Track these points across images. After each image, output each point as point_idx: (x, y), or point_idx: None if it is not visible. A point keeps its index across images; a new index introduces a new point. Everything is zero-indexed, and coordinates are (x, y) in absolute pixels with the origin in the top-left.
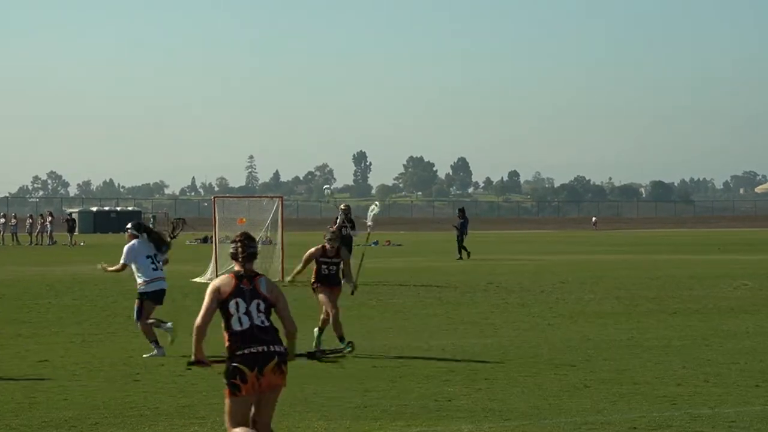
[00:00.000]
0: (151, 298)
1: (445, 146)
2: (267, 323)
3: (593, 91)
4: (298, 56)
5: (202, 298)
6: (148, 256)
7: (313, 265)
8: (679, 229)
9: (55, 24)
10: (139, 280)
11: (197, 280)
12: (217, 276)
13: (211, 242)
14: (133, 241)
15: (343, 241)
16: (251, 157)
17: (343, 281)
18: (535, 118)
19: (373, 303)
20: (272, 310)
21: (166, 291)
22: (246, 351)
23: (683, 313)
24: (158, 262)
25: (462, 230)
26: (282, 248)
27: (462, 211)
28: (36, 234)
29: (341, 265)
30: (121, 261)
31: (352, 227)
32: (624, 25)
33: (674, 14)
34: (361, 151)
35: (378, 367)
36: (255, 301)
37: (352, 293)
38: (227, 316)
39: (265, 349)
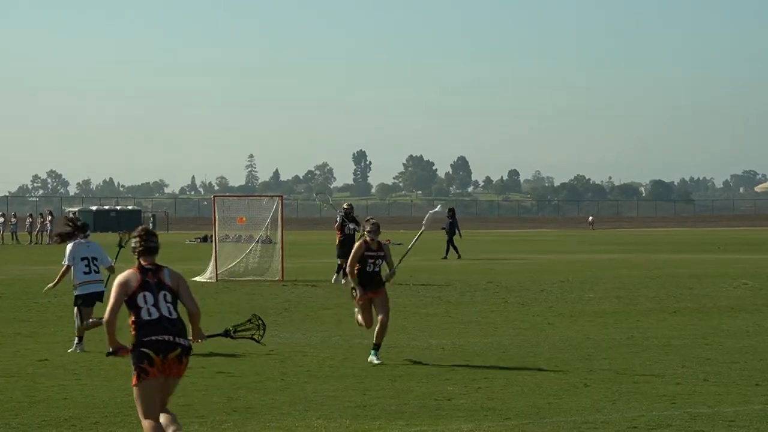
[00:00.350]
0: (83, 301)
1: (445, 145)
2: (175, 315)
3: (593, 91)
4: (298, 55)
5: (201, 297)
6: (83, 258)
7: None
8: (679, 228)
9: (55, 23)
10: (74, 283)
11: (197, 279)
12: (216, 275)
13: (211, 241)
14: (73, 242)
15: (346, 241)
16: (251, 156)
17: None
18: (535, 118)
19: None
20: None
21: (101, 293)
22: (153, 338)
23: (683, 312)
24: (95, 266)
25: (451, 230)
26: (282, 247)
27: (451, 211)
28: (36, 233)
29: (383, 263)
30: (64, 262)
31: (356, 226)
32: (624, 24)
33: (675, 13)
34: (361, 150)
35: (378, 366)
36: (162, 293)
37: (388, 280)
38: (137, 309)
39: (171, 339)
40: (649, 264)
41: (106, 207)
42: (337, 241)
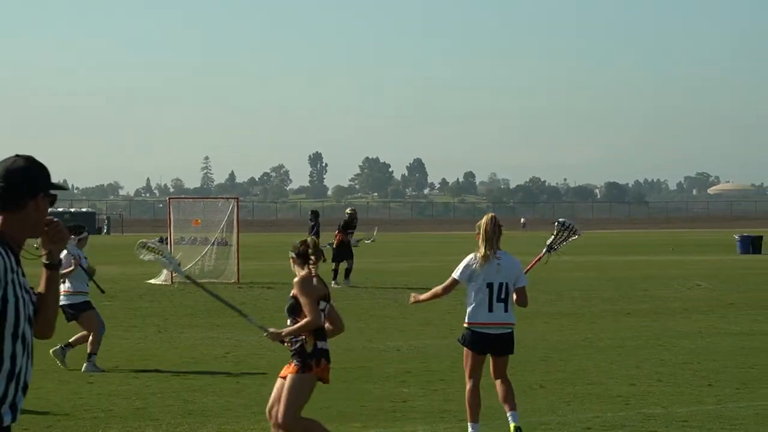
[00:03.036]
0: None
1: (401, 147)
2: None
3: (549, 94)
4: (253, 57)
5: (157, 299)
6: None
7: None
8: (633, 229)
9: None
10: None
11: (152, 281)
12: (171, 277)
13: (166, 243)
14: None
15: (343, 247)
16: (206, 158)
17: None
18: (492, 120)
19: None
20: None
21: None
22: None
23: (637, 314)
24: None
25: (312, 233)
26: (237, 249)
27: (314, 213)
28: None
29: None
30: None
31: (352, 233)
32: (578, 29)
33: (628, 17)
34: (317, 152)
35: (334, 368)
36: None
37: None
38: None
39: None
40: (604, 266)
41: (60, 209)
42: (335, 244)
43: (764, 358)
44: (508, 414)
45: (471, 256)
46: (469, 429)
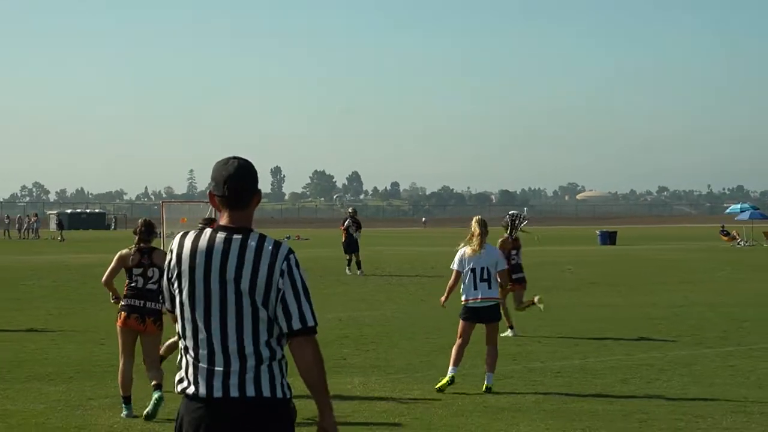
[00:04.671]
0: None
1: (342, 162)
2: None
3: (457, 117)
4: (226, 84)
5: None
6: None
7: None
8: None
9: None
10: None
11: None
12: None
13: (160, 236)
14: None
15: (350, 241)
16: (192, 170)
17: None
18: (412, 137)
19: None
20: None
21: None
22: None
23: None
24: None
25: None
26: None
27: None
28: (23, 231)
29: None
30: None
31: (357, 228)
32: (470, 49)
33: (504, 49)
34: (277, 165)
35: None
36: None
37: None
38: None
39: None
40: None
41: (78, 210)
42: (343, 238)
43: (616, 323)
44: (486, 374)
45: (461, 250)
46: (450, 369)
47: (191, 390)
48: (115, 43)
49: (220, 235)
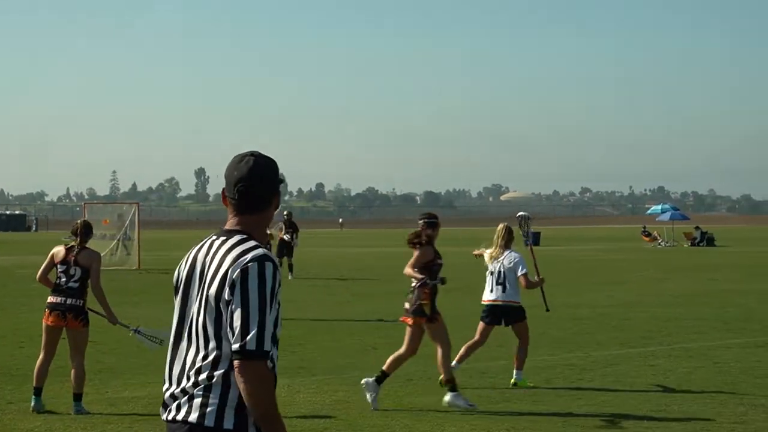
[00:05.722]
0: None
1: None
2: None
3: (382, 121)
4: (150, 88)
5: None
6: None
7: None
8: (445, 227)
9: None
10: None
11: None
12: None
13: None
14: None
15: (284, 246)
16: (114, 171)
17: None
18: (337, 138)
19: None
20: None
21: None
22: None
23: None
24: None
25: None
26: (138, 243)
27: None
28: None
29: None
30: None
31: (294, 233)
32: (391, 48)
33: (450, 56)
34: (201, 167)
35: None
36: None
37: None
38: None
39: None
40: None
41: None
42: (278, 241)
43: (540, 323)
44: (514, 371)
45: (485, 254)
46: (453, 364)
47: None
48: (32, 40)
49: (212, 240)
